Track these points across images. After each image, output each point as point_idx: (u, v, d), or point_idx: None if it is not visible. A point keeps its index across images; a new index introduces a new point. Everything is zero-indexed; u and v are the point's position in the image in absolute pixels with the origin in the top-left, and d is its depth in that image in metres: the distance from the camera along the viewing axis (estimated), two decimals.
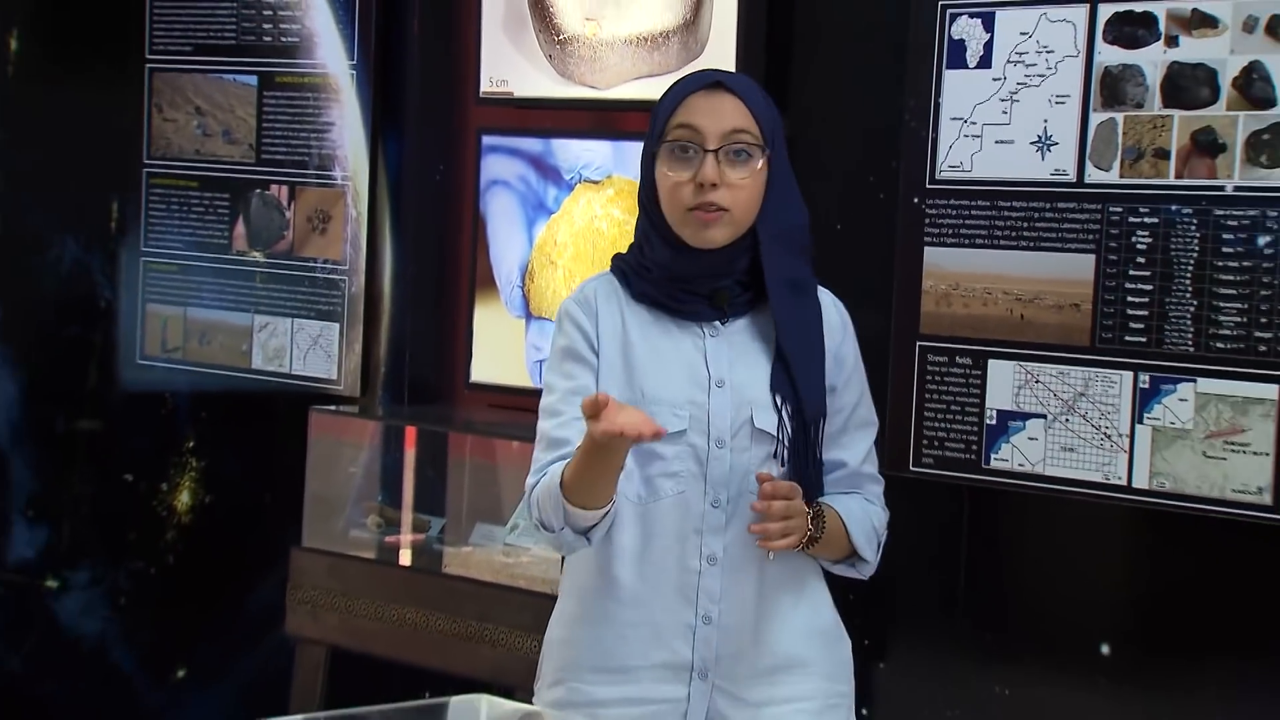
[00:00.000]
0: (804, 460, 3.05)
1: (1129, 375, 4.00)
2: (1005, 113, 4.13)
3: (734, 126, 2.98)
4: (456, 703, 2.18)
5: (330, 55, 5.36)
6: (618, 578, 3.03)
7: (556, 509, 2.91)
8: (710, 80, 3.05)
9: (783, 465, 3.03)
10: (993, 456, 4.10)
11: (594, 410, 2.71)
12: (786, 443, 3.03)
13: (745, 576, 3.03)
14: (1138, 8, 3.99)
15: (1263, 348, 3.86)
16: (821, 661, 3.12)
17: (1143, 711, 3.98)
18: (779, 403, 3.03)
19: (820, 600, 3.16)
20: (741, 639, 3.03)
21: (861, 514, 3.11)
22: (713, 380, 3.03)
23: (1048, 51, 4.10)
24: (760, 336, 3.09)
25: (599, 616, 3.06)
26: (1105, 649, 4.01)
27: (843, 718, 3.16)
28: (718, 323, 3.07)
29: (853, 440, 3.17)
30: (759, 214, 3.02)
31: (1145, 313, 4.00)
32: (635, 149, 4.69)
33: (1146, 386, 3.99)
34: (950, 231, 4.17)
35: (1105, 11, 4.03)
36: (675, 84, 3.11)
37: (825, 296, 3.16)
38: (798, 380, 3.03)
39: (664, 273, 3.05)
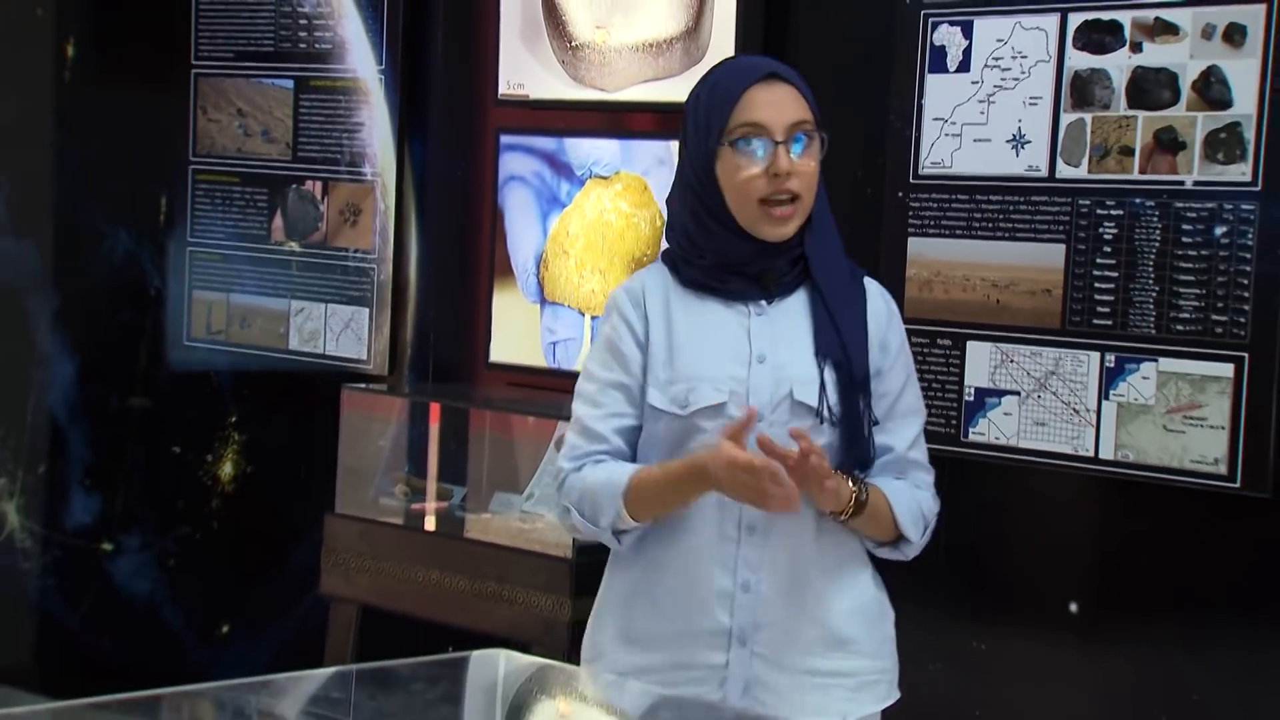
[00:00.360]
0: (852, 427, 2.91)
1: (1096, 355, 4.01)
2: (983, 113, 4.14)
3: (796, 118, 2.87)
4: (477, 657, 2.20)
5: (360, 61, 5.36)
6: (659, 548, 2.93)
7: (610, 509, 2.86)
8: (765, 72, 2.91)
9: (830, 427, 2.90)
10: (971, 430, 4.11)
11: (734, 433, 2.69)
12: (829, 409, 2.88)
13: (785, 547, 2.90)
14: (1105, 16, 4.00)
15: (1219, 330, 3.87)
16: (863, 638, 2.99)
17: (1107, 664, 4.00)
18: (824, 365, 2.90)
19: (862, 577, 3.02)
20: (782, 608, 2.91)
21: (909, 497, 2.98)
22: (754, 356, 2.91)
23: (1022, 57, 4.10)
24: (804, 316, 2.96)
25: (642, 586, 2.97)
26: (1074, 607, 4.02)
27: (882, 694, 3.04)
28: (763, 302, 2.95)
29: (899, 426, 3.02)
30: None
31: (1111, 298, 4.01)
32: (642, 147, 4.74)
33: (1112, 365, 4.00)
34: (932, 223, 4.18)
35: (1075, 20, 4.04)
36: (724, 78, 2.95)
37: (872, 285, 3.06)
38: (847, 344, 2.91)
39: (719, 258, 2.94)
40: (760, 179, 2.84)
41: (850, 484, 2.85)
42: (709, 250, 2.94)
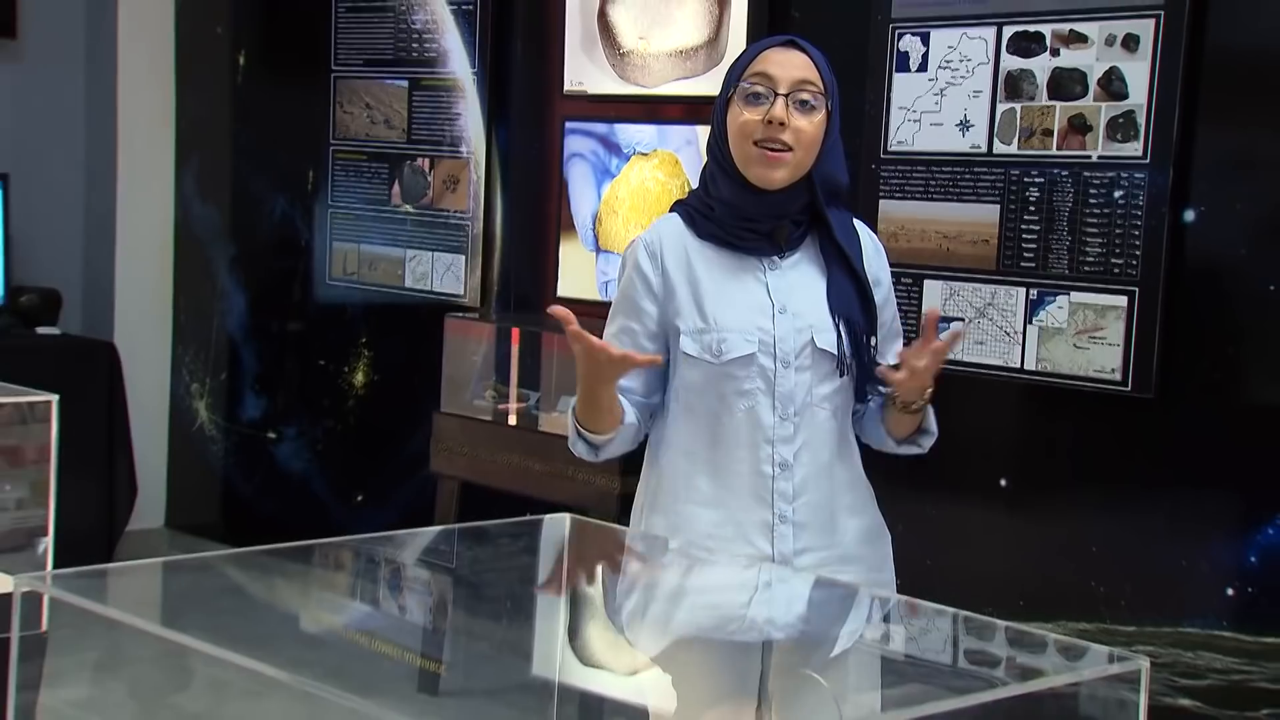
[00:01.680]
0: (862, 369, 2.58)
1: (1023, 290, 4.00)
2: (937, 104, 4.13)
3: (803, 77, 2.51)
4: (548, 519, 2.20)
5: (458, 65, 5.33)
6: (699, 485, 2.56)
7: (571, 428, 2.60)
8: (785, 39, 2.60)
9: (842, 376, 2.58)
10: None
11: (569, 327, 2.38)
12: (848, 357, 2.56)
13: (815, 481, 2.57)
14: (1031, 28, 3.98)
15: (1116, 270, 3.86)
16: (870, 556, 2.71)
17: (1028, 525, 3.99)
18: (839, 321, 2.56)
19: (869, 503, 2.73)
20: (813, 536, 2.58)
21: None
22: (775, 308, 2.55)
23: (967, 60, 4.08)
24: (813, 268, 2.61)
25: (685, 519, 2.59)
26: (1003, 482, 4.02)
27: None
28: (776, 257, 2.58)
29: (891, 348, 2.68)
30: (815, 163, 2.55)
31: (1034, 246, 4.00)
32: (674, 130, 4.73)
33: (1035, 298, 3.99)
34: (897, 189, 4.17)
35: (1008, 31, 4.02)
36: (748, 49, 2.66)
37: (862, 228, 2.71)
38: (863, 304, 2.59)
39: (728, 211, 2.57)
40: (758, 123, 2.50)
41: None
42: (718, 200, 2.58)
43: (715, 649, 2.45)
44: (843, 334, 2.56)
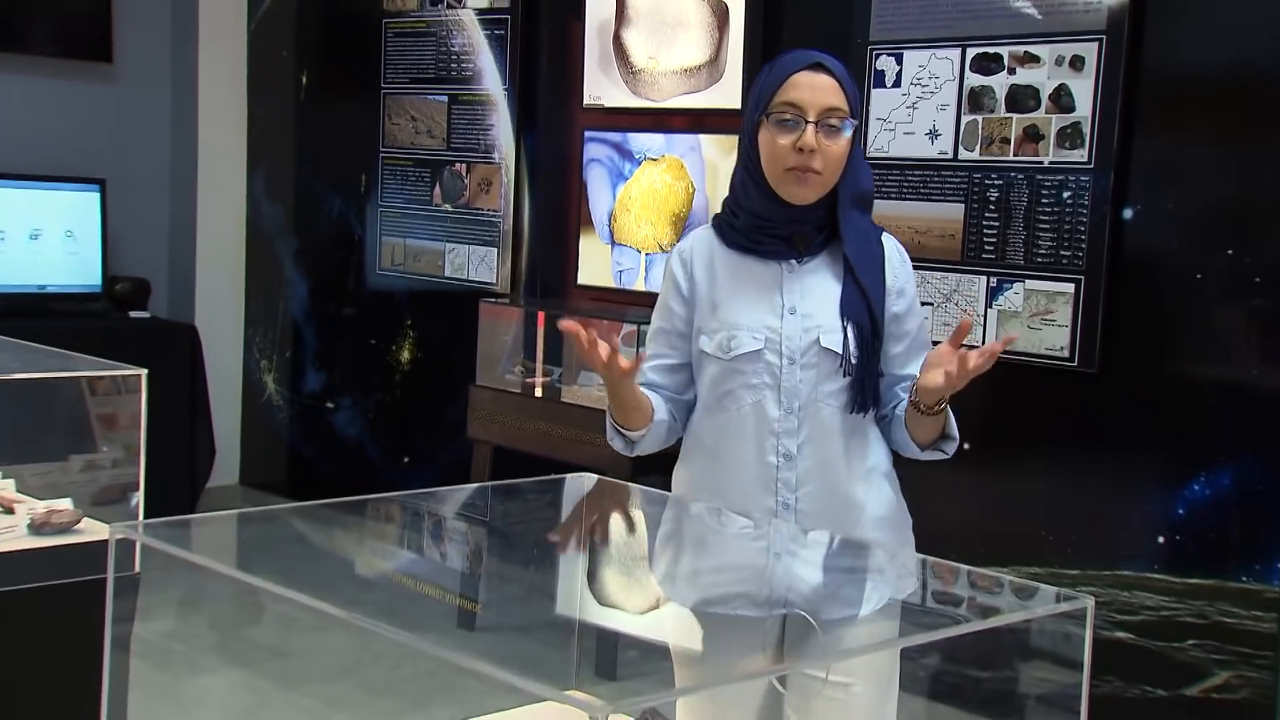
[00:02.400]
0: (867, 371, 2.36)
1: (984, 278, 4.00)
2: (909, 116, 4.12)
3: (830, 104, 2.31)
4: (570, 478, 2.20)
5: (491, 82, 5.32)
6: (715, 472, 2.40)
7: (609, 424, 2.41)
8: (811, 61, 2.35)
9: (845, 376, 2.36)
10: None
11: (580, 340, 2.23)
12: (852, 357, 2.34)
13: (820, 472, 2.37)
14: (991, 50, 3.97)
15: (1064, 261, 3.86)
16: (886, 542, 2.45)
17: (990, 483, 3.99)
18: (846, 324, 2.35)
19: (887, 492, 2.48)
20: (817, 522, 2.38)
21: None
22: (785, 307, 2.36)
23: (935, 77, 4.07)
24: (829, 273, 2.39)
25: (711, 497, 2.44)
26: (967, 446, 4.00)
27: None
28: (794, 261, 2.38)
29: (917, 359, 2.42)
30: (841, 176, 2.36)
31: (994, 240, 3.99)
32: (679, 139, 4.72)
33: (994, 285, 3.99)
34: (876, 190, 4.15)
35: (971, 52, 4.01)
36: (779, 62, 2.40)
37: (890, 241, 2.46)
38: (871, 309, 2.36)
39: (752, 219, 2.38)
40: (789, 151, 2.30)
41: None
42: (745, 210, 2.40)
43: (717, 586, 2.39)
44: (849, 335, 2.35)
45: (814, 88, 2.31)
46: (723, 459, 2.40)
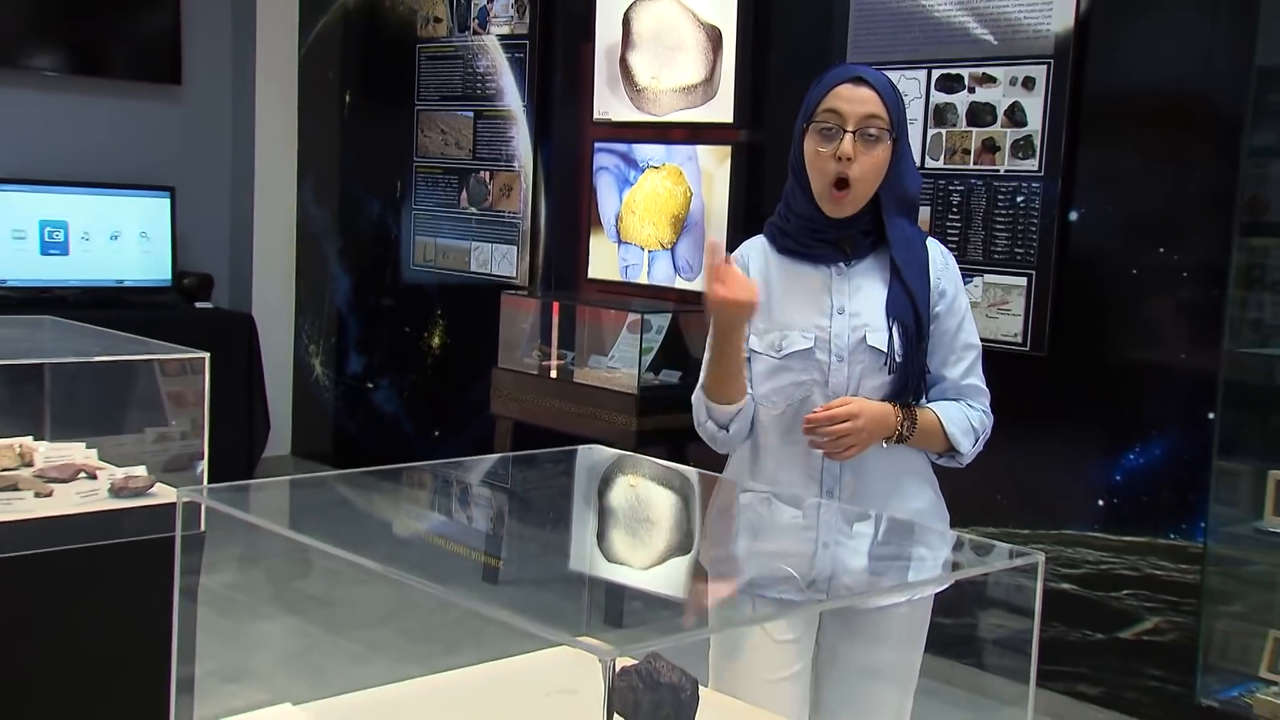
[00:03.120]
0: (910, 368, 2.19)
1: None
2: None
3: (869, 113, 2.15)
4: (581, 449, 2.19)
5: (512, 99, 5.29)
6: (764, 463, 2.25)
7: (700, 406, 2.24)
8: (854, 75, 2.20)
9: (890, 374, 2.19)
10: None
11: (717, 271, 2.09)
12: (897, 356, 2.17)
13: (864, 464, 2.20)
14: (953, 71, 3.95)
15: (1018, 257, 3.84)
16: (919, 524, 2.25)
17: None
18: (891, 324, 2.18)
19: (920, 486, 2.29)
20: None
21: (959, 415, 2.25)
22: (834, 308, 2.20)
23: (905, 96, 4.02)
24: (877, 275, 2.22)
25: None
26: None
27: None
28: (843, 264, 2.22)
29: (957, 359, 2.25)
30: (883, 182, 2.18)
31: (957, 238, 3.97)
32: (678, 149, 4.70)
33: None
34: None
35: (936, 73, 3.99)
36: (826, 76, 2.25)
37: (934, 245, 2.28)
38: (917, 308, 2.18)
39: (803, 223, 2.23)
40: (829, 159, 2.15)
41: (898, 417, 2.18)
42: (795, 214, 2.24)
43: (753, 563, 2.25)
44: (895, 334, 2.18)
45: (853, 99, 2.17)
46: (772, 450, 2.25)
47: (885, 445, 2.19)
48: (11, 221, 5.42)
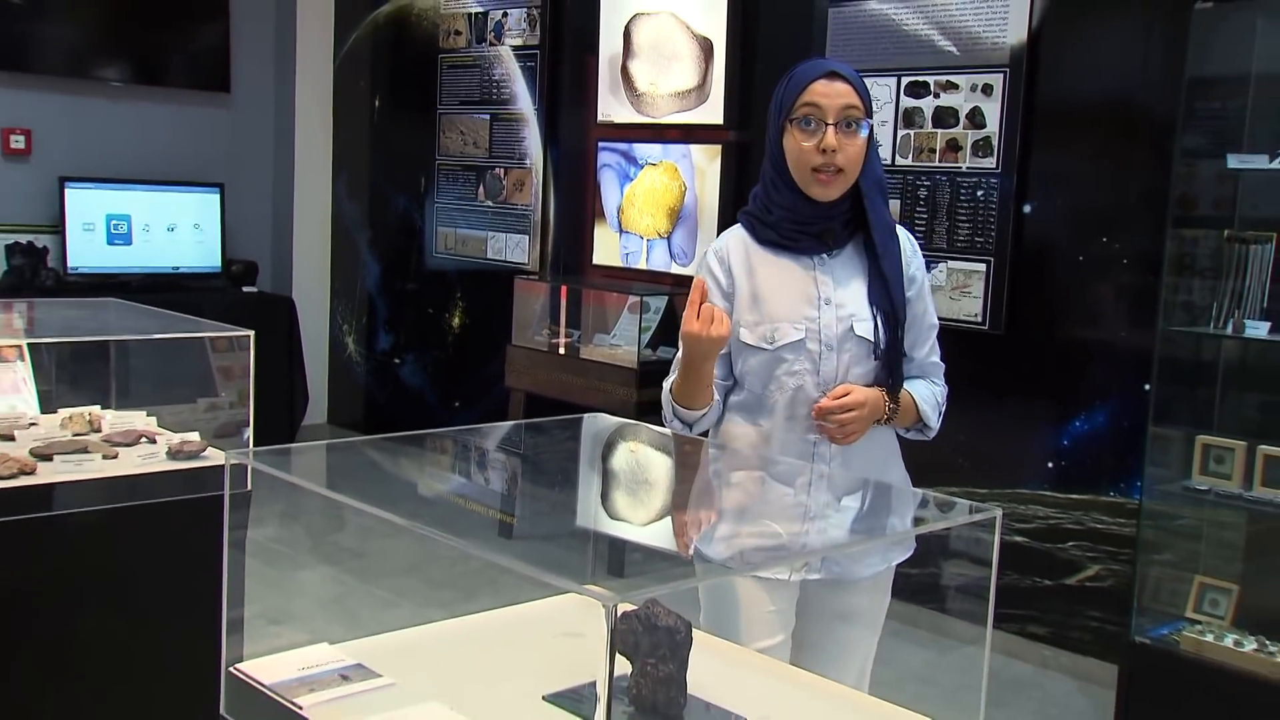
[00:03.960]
0: (894, 355, 2.11)
1: None
2: None
3: (847, 104, 2.05)
4: (587, 417, 2.18)
5: (524, 103, 5.27)
6: (759, 448, 2.13)
7: (668, 405, 2.15)
8: (827, 70, 2.08)
9: (876, 360, 2.09)
10: None
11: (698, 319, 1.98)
12: (882, 344, 2.08)
13: (852, 446, 2.11)
14: (920, 78, 3.93)
15: (978, 245, 3.82)
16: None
17: None
18: (875, 314, 2.09)
19: (895, 462, 2.21)
20: (841, 489, 2.05)
21: (928, 393, 2.17)
22: (821, 299, 2.08)
23: (877, 99, 4.02)
24: (857, 265, 2.11)
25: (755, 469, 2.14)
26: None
27: (906, 548, 2.24)
28: (824, 255, 2.10)
29: (922, 339, 2.18)
30: (862, 169, 2.08)
31: (924, 228, 3.95)
32: (674, 148, 4.67)
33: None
34: None
35: (905, 80, 3.96)
36: (796, 72, 2.12)
37: (902, 232, 2.17)
38: (894, 297, 2.08)
39: (785, 215, 2.10)
40: (813, 151, 2.04)
41: (886, 401, 2.10)
42: (776, 206, 2.11)
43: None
44: (879, 324, 2.09)
45: (830, 93, 2.05)
46: (766, 436, 2.13)
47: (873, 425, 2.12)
48: (82, 216, 5.47)
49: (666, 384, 2.15)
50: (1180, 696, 3.15)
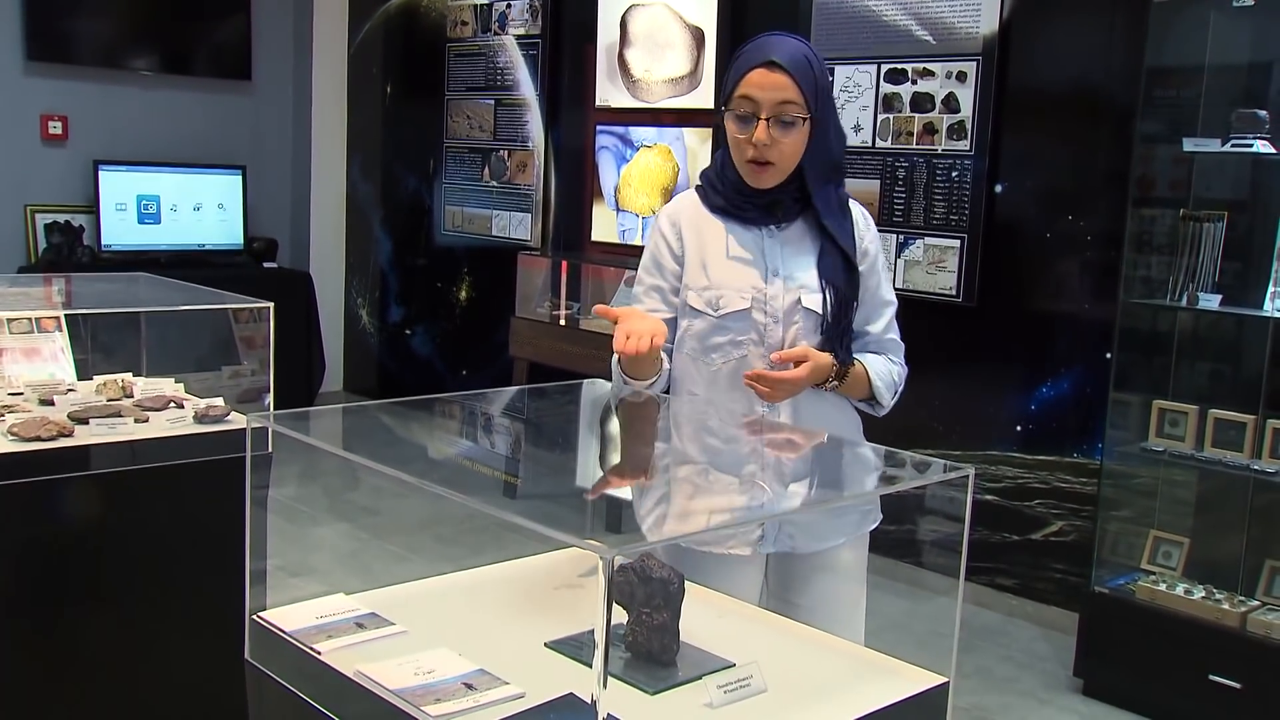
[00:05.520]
0: (839, 329, 1.93)
1: (895, 236, 3.95)
2: (840, 114, 4.05)
3: (782, 99, 1.84)
4: (586, 383, 2.18)
5: (526, 89, 5.22)
6: (707, 416, 1.97)
7: (618, 377, 1.99)
8: (766, 59, 1.86)
9: (820, 334, 1.93)
10: None
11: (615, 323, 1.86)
12: (829, 318, 1.91)
13: (797, 417, 1.94)
14: (899, 66, 3.90)
15: (953, 223, 3.80)
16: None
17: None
18: (824, 287, 1.92)
19: (853, 431, 2.04)
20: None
21: (884, 369, 2.00)
22: (769, 270, 1.92)
23: (859, 85, 4.00)
24: (807, 237, 1.94)
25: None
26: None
27: (872, 519, 2.08)
28: (774, 227, 1.94)
29: (877, 315, 2.00)
30: (806, 155, 1.89)
31: (902, 207, 3.94)
32: (668, 131, 4.65)
33: (902, 241, 3.94)
34: None
35: (885, 67, 3.93)
36: (741, 57, 1.90)
37: (856, 207, 2.00)
38: (844, 271, 1.92)
39: (732, 188, 1.94)
40: (746, 144, 1.88)
41: (833, 366, 1.92)
42: (726, 181, 1.95)
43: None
44: (828, 297, 1.92)
45: (765, 86, 1.85)
46: (714, 405, 1.98)
47: (817, 389, 1.95)
48: (115, 197, 5.47)
49: (614, 358, 1.97)
50: (1135, 640, 3.17)
